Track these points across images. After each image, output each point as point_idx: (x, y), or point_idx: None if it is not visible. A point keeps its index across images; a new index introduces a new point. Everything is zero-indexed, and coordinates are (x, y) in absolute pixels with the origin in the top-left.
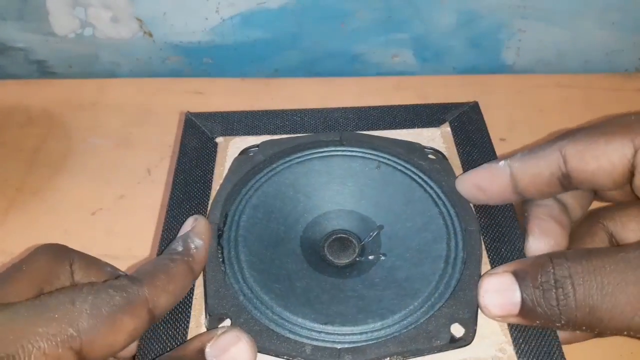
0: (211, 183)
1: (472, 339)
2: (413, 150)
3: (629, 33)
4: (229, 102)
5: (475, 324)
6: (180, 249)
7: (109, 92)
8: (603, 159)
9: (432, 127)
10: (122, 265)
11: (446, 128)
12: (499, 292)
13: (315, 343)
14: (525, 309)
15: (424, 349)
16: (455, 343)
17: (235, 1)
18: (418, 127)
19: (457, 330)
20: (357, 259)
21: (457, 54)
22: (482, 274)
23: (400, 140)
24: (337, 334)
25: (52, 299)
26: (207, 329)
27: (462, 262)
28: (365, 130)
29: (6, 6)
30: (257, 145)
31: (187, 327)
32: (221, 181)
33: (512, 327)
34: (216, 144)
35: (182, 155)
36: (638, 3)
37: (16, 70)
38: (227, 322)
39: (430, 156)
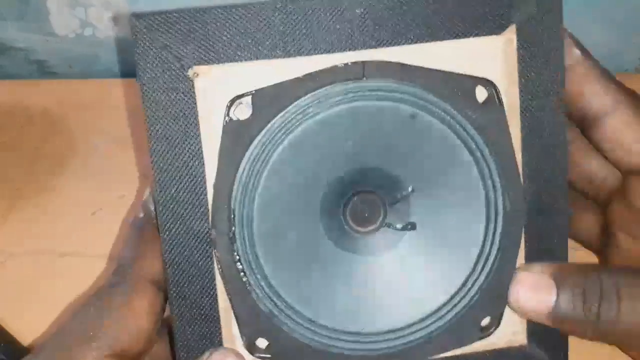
0: (202, 154)
1: (497, 327)
2: (460, 91)
3: (629, 33)
4: None
5: (502, 315)
6: (141, 215)
7: (110, 92)
8: (619, 134)
9: (492, 34)
10: None
11: (511, 36)
12: (535, 289)
13: (353, 354)
14: (557, 312)
15: (457, 344)
16: (482, 332)
17: (235, 1)
18: (472, 36)
19: (485, 321)
20: (385, 222)
21: None
22: (517, 265)
23: (445, 73)
24: (374, 342)
25: (69, 332)
26: (245, 347)
27: (497, 251)
28: (393, 44)
29: (6, 6)
30: (249, 94)
31: (220, 339)
32: (214, 154)
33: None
34: (191, 82)
35: (150, 111)
36: (638, 3)
37: (16, 70)
38: (264, 343)
39: (480, 98)
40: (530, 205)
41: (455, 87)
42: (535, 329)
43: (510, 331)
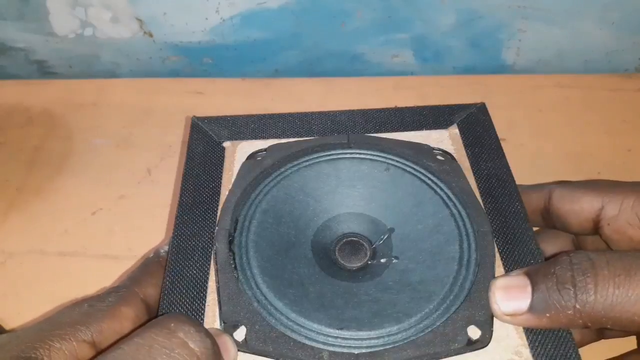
0: (219, 188)
1: (489, 341)
2: (421, 152)
3: (629, 33)
4: (229, 102)
5: (492, 326)
6: (151, 255)
7: (109, 92)
8: (576, 204)
9: (440, 128)
10: (123, 265)
11: (454, 130)
12: (509, 288)
13: (331, 349)
14: (535, 302)
15: (441, 352)
16: (472, 345)
17: (235, 1)
18: (426, 129)
19: (474, 332)
20: (369, 262)
21: (457, 54)
22: (496, 275)
23: (409, 141)
24: (354, 339)
25: (60, 315)
26: None
27: (475, 263)
28: (372, 133)
29: (6, 6)
30: (265, 150)
31: None
32: (230, 186)
33: (528, 330)
34: (223, 148)
35: (189, 161)
36: (638, 3)
37: (17, 71)
38: (242, 330)
39: (439, 157)
40: (495, 226)
41: (419, 150)
42: (539, 347)
43: (512, 350)
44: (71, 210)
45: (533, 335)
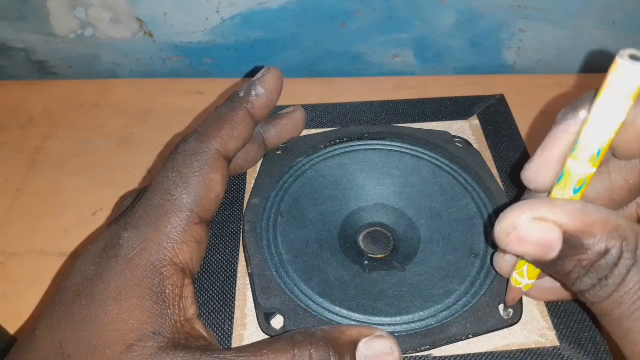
0: (245, 176)
1: (520, 318)
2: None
3: (629, 33)
4: None
5: (521, 302)
6: (241, 94)
7: (110, 92)
8: None
9: (460, 119)
10: None
11: (474, 120)
12: (536, 243)
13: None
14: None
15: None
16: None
17: (236, 1)
18: (447, 120)
19: (508, 312)
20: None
21: (458, 53)
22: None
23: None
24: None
25: (160, 206)
26: (259, 324)
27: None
28: (393, 123)
29: (6, 6)
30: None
31: (232, 317)
32: (255, 175)
33: (552, 314)
34: None
35: None
36: (638, 3)
37: (17, 71)
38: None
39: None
40: None
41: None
42: (564, 329)
43: (537, 332)
44: (71, 210)
45: (558, 318)
